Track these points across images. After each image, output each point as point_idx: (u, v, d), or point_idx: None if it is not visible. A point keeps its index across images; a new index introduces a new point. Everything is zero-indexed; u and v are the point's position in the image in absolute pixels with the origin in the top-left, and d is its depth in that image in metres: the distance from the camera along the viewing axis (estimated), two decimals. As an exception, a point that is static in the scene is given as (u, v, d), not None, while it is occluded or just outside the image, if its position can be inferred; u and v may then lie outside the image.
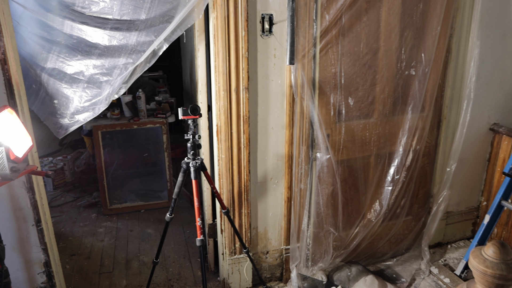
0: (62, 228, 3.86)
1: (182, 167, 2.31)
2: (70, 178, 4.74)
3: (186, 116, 2.18)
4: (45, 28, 2.35)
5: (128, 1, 2.31)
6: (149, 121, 3.96)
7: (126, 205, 4.13)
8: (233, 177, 2.66)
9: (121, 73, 2.41)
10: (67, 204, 4.31)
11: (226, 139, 2.57)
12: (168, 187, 4.18)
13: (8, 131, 1.95)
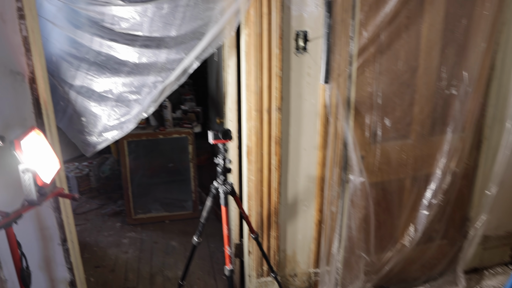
0: (87, 237, 3.84)
1: (211, 191, 2.23)
2: (95, 184, 4.74)
3: (217, 141, 2.10)
4: (74, 45, 2.30)
5: (158, 18, 2.24)
6: (175, 131, 3.90)
7: (150, 215, 4.09)
8: (262, 199, 2.57)
9: (150, 92, 2.34)
10: (92, 212, 4.30)
11: (256, 161, 2.48)
12: (193, 198, 4.12)
13: (36, 153, 1.91)
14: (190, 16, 2.24)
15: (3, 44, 1.95)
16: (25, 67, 2.02)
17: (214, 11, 2.25)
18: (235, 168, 2.74)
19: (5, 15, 1.92)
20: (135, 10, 2.20)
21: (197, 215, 4.13)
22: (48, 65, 2.25)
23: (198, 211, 4.14)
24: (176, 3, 2.18)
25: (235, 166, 2.73)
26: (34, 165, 1.83)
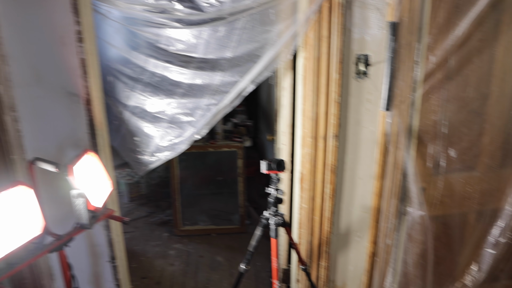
0: (135, 246, 3.89)
1: (262, 221, 2.15)
2: (145, 191, 4.81)
3: (270, 171, 2.01)
4: (129, 65, 2.31)
5: (214, 40, 2.19)
6: (225, 144, 3.86)
7: (197, 228, 4.08)
8: (313, 228, 2.46)
9: (204, 114, 2.30)
10: (141, 220, 4.36)
11: (309, 188, 2.37)
12: (240, 212, 4.07)
13: (89, 177, 1.91)
14: (246, 39, 2.18)
15: (61, 67, 1.98)
16: (82, 88, 2.04)
17: (271, 34, 2.17)
18: (287, 193, 2.64)
19: (65, 38, 1.94)
20: (190, 32, 2.17)
21: (243, 230, 4.07)
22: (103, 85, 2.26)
23: (245, 226, 4.09)
24: (233, 26, 2.12)
25: (287, 191, 2.64)
26: (87, 190, 1.83)
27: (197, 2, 2.11)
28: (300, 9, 2.15)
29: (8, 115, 1.93)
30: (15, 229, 1.60)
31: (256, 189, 4.79)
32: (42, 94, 2.00)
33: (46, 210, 1.73)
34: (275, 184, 2.07)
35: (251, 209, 4.38)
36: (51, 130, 2.07)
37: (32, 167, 1.80)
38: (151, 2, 2.11)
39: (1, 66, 1.87)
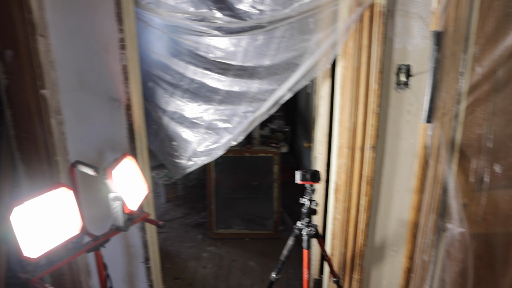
0: (169, 246, 3.96)
1: (294, 231, 2.13)
2: (182, 192, 4.89)
3: (304, 182, 1.99)
4: (169, 71, 2.35)
5: (253, 48, 2.20)
6: (261, 150, 3.86)
7: (231, 231, 4.10)
8: (347, 240, 2.42)
9: (241, 121, 2.31)
10: (176, 220, 4.44)
11: (344, 200, 2.33)
12: (275, 218, 4.05)
13: (126, 180, 1.96)
14: (284, 47, 2.17)
15: (105, 73, 2.05)
16: (123, 94, 2.09)
17: (309, 43, 2.15)
18: (321, 203, 2.61)
19: (109, 45, 2.00)
20: (229, 40, 2.18)
21: (277, 235, 4.06)
22: (144, 91, 2.32)
23: (278, 232, 4.07)
24: (272, 35, 2.12)
25: (321, 201, 2.61)
26: (123, 193, 1.88)
27: (237, 11, 2.13)
28: (340, 18, 2.12)
29: (54, 118, 2.02)
30: (56, 229, 1.67)
31: (291, 195, 4.76)
32: (85, 99, 2.07)
33: (84, 211, 1.80)
34: (309, 194, 2.04)
35: (286, 215, 4.35)
36: (92, 133, 2.15)
37: (73, 169, 1.87)
38: (191, 10, 2.14)
39: (49, 71, 1.96)
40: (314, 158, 2.76)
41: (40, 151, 2.04)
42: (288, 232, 4.14)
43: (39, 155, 2.05)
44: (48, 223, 1.65)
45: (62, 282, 2.30)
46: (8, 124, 2.05)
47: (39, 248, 1.59)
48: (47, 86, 1.97)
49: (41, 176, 2.10)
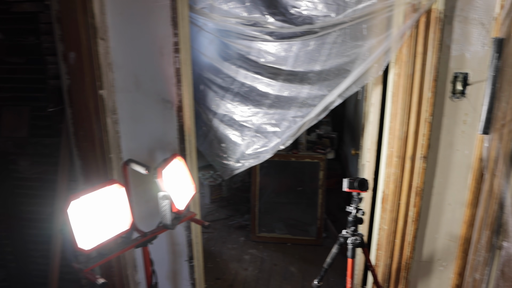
0: (212, 247, 4.02)
1: (339, 239, 2.10)
2: (226, 194, 4.94)
3: (351, 190, 1.96)
4: (220, 75, 2.39)
5: (304, 54, 2.19)
6: (308, 155, 3.84)
7: (273, 235, 4.10)
8: (393, 251, 2.35)
9: (289, 126, 2.31)
10: (220, 222, 4.50)
11: (392, 210, 2.27)
12: (318, 224, 4.01)
13: (175, 180, 2.01)
14: (336, 53, 2.15)
15: (159, 75, 2.12)
16: (175, 96, 2.16)
17: (362, 49, 2.12)
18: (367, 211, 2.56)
19: (163, 49, 2.07)
20: (281, 45, 2.19)
21: (319, 242, 4.01)
22: (195, 93, 2.38)
23: (321, 239, 4.03)
24: (323, 40, 2.11)
25: (367, 210, 2.55)
26: (172, 192, 1.93)
27: (289, 16, 2.14)
28: (395, 24, 2.08)
29: (109, 118, 2.11)
30: (108, 223, 1.75)
31: (336, 202, 4.70)
32: (139, 100, 2.15)
33: (134, 208, 1.87)
34: (356, 203, 2.01)
35: (329, 222, 4.30)
36: (144, 133, 2.22)
37: (126, 167, 1.94)
38: (244, 15, 2.18)
39: (107, 73, 2.05)
40: (361, 166, 2.71)
41: (96, 148, 2.14)
42: (331, 239, 4.09)
43: (94, 152, 2.15)
44: (101, 218, 1.72)
45: (110, 274, 2.40)
46: (68, 122, 2.17)
47: (92, 241, 1.67)
48: (104, 86, 2.06)
49: (95, 172, 2.20)
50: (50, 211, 2.43)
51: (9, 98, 2.44)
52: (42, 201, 2.55)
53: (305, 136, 3.88)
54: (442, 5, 1.98)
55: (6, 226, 2.64)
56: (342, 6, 2.06)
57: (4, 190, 2.57)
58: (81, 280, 2.63)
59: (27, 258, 2.75)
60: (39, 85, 2.33)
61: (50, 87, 2.23)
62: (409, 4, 1.99)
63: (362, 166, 2.68)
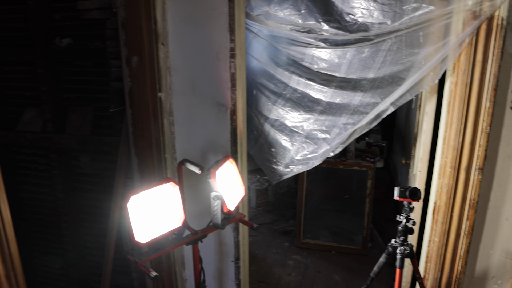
0: (256, 250, 4.06)
1: (388, 249, 2.08)
2: (272, 199, 4.98)
3: (402, 199, 1.93)
4: (273, 80, 2.44)
5: (357, 61, 2.19)
6: (356, 163, 3.80)
7: (318, 242, 4.09)
8: (444, 265, 2.29)
9: (340, 133, 2.31)
10: (265, 226, 4.53)
11: (443, 222, 2.21)
12: (364, 234, 3.95)
13: (227, 180, 2.07)
14: (390, 61, 2.14)
15: (214, 79, 2.19)
16: (229, 100, 2.22)
17: (417, 57, 2.09)
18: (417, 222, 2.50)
19: (220, 54, 2.15)
20: (334, 52, 2.21)
21: (365, 252, 3.94)
22: (248, 98, 2.43)
23: (367, 248, 3.96)
24: (378, 48, 2.10)
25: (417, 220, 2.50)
26: (223, 193, 1.99)
27: (344, 23, 2.15)
28: (453, 32, 2.03)
29: (166, 119, 2.21)
30: (162, 219, 1.83)
31: (383, 212, 4.61)
32: (195, 103, 2.24)
33: (186, 206, 1.94)
34: (407, 212, 1.98)
35: (375, 232, 4.22)
36: (198, 135, 2.31)
37: (181, 167, 2.03)
38: (299, 22, 2.21)
39: (166, 76, 2.16)
40: (412, 176, 2.65)
41: (152, 148, 2.24)
42: (376, 249, 4.01)
43: (151, 151, 2.25)
44: (156, 214, 1.81)
45: (160, 270, 2.50)
46: (128, 122, 2.29)
47: (147, 235, 1.76)
48: (163, 89, 2.17)
49: (150, 171, 2.30)
50: (106, 206, 2.56)
51: (75, 99, 2.62)
52: (99, 196, 2.70)
53: (354, 144, 3.85)
54: (506, 12, 1.92)
55: (66, 217, 2.81)
56: (398, 13, 2.04)
57: (67, 184, 2.74)
58: (131, 273, 2.75)
59: (83, 249, 2.91)
60: (103, 87, 2.48)
61: (113, 89, 2.37)
62: (470, 11, 1.94)
63: (413, 176, 2.63)
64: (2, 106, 2.79)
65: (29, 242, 3.04)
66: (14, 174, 2.89)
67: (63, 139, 2.60)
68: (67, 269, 2.99)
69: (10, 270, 1.33)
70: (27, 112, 2.74)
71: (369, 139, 4.06)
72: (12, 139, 2.74)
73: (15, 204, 2.87)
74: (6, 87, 2.77)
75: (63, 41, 2.47)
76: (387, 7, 2.04)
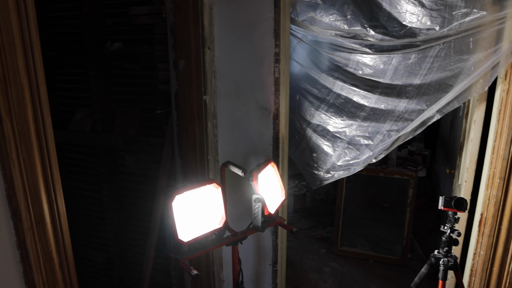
0: (293, 255, 4.05)
1: (430, 260, 2.03)
2: (309, 205, 4.96)
3: (447, 208, 1.89)
4: (317, 86, 2.44)
5: (403, 67, 2.16)
6: (397, 171, 3.72)
7: (355, 250, 4.03)
8: (489, 280, 2.20)
9: (383, 140, 2.29)
10: (302, 231, 4.52)
11: (490, 235, 2.13)
12: (403, 244, 3.86)
13: (268, 184, 2.09)
14: (437, 67, 2.09)
15: (258, 83, 2.22)
16: (272, 104, 2.24)
17: (466, 63, 2.04)
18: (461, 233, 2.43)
19: (264, 59, 2.17)
20: (380, 58, 2.19)
21: (404, 263, 3.85)
22: (290, 102, 2.45)
23: (406, 259, 3.86)
24: (425, 54, 2.07)
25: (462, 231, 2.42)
26: (264, 196, 2.01)
27: (390, 29, 2.13)
28: (505, 37, 1.97)
29: (210, 122, 2.26)
30: (204, 219, 1.87)
31: (424, 222, 4.49)
32: (238, 106, 2.28)
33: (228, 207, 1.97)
34: (452, 223, 1.93)
35: (415, 242, 4.11)
36: (241, 138, 2.34)
37: (224, 169, 2.06)
38: (345, 28, 2.21)
39: (211, 80, 2.21)
40: (457, 186, 2.58)
41: (196, 150, 2.30)
42: (416, 260, 3.90)
43: (194, 153, 2.31)
44: (198, 214, 1.85)
45: (198, 269, 2.54)
46: (173, 124, 2.35)
47: (189, 234, 1.80)
48: (208, 92, 2.22)
49: (193, 172, 2.36)
50: (149, 205, 2.64)
51: (123, 100, 2.72)
52: (143, 195, 2.79)
53: (395, 152, 3.77)
54: None
55: (110, 214, 2.92)
56: (447, 19, 2.00)
57: (112, 182, 2.85)
58: (170, 272, 2.82)
59: (125, 246, 3.01)
60: (149, 89, 2.57)
61: (159, 92, 2.44)
62: (524, 17, 1.88)
63: (457, 186, 2.56)
64: (56, 106, 2.95)
65: (75, 236, 3.18)
66: (64, 171, 3.03)
67: (110, 138, 2.71)
68: (110, 264, 3.10)
69: (64, 260, 1.41)
70: (78, 112, 2.87)
71: (412, 147, 3.97)
72: (64, 137, 2.88)
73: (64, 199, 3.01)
74: (61, 88, 2.92)
75: (114, 45, 2.58)
76: (435, 12, 2.01)
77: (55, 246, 1.36)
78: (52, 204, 1.34)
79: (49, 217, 1.34)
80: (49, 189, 1.33)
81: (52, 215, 1.35)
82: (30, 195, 1.26)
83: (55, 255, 1.36)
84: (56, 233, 1.37)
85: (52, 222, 1.35)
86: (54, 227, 1.36)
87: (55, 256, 1.37)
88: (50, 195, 1.33)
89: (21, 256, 1.28)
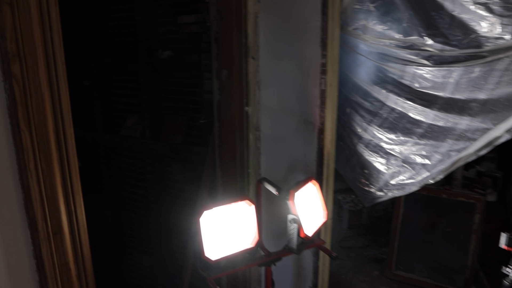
0: (343, 275, 3.84)
1: None
2: (366, 221, 4.70)
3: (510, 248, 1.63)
4: (369, 99, 2.27)
5: (466, 81, 1.94)
6: (462, 193, 3.39)
7: (411, 276, 3.73)
8: None
9: (442, 160, 2.07)
10: (355, 250, 4.29)
11: None
12: (467, 274, 3.50)
13: (307, 203, 1.95)
14: (507, 82, 1.84)
15: (303, 96, 2.10)
16: (317, 118, 2.11)
17: (543, 78, 1.76)
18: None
19: (310, 70, 2.05)
20: (439, 71, 1.97)
21: (467, 295, 3.50)
22: (340, 116, 2.30)
23: (469, 291, 3.51)
24: (492, 67, 1.82)
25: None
26: (302, 216, 1.87)
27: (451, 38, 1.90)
28: None
29: (252, 134, 2.17)
30: (234, 238, 1.78)
31: (493, 251, 4.05)
32: (282, 119, 2.17)
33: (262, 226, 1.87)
34: (516, 264, 1.67)
35: (482, 274, 3.71)
36: (283, 152, 2.23)
37: (260, 185, 1.96)
38: (400, 37, 2.02)
39: (255, 90, 2.12)
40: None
41: (236, 162, 2.22)
42: (480, 292, 3.53)
43: (234, 165, 2.23)
44: (229, 231, 1.76)
45: (235, 285, 2.46)
46: (215, 134, 2.30)
47: (217, 252, 1.72)
48: (250, 103, 2.13)
49: (233, 185, 2.28)
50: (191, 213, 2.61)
51: (171, 108, 2.73)
52: (187, 202, 2.77)
53: (461, 172, 3.44)
54: None
55: (156, 219, 2.94)
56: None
57: (159, 189, 2.87)
58: (210, 284, 2.76)
59: (169, 251, 3.01)
60: (196, 98, 2.54)
61: (204, 101, 2.41)
62: None
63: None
64: (110, 112, 3.03)
65: (124, 239, 3.25)
66: (118, 175, 3.11)
67: (158, 145, 2.72)
68: (154, 267, 3.12)
69: (82, 271, 1.39)
70: (130, 118, 2.93)
71: (480, 168, 3.60)
72: (116, 142, 2.96)
73: (117, 202, 3.11)
74: (116, 95, 3.00)
75: (164, 53, 2.59)
76: (506, 19, 1.76)
77: (73, 256, 1.34)
78: (71, 215, 1.33)
79: (68, 228, 1.32)
80: (68, 200, 1.31)
81: (71, 226, 1.33)
82: (48, 206, 1.25)
83: (72, 265, 1.35)
84: (74, 244, 1.35)
85: (70, 233, 1.33)
86: (72, 238, 1.34)
87: (72, 267, 1.35)
88: (69, 206, 1.32)
89: (37, 265, 1.27)
